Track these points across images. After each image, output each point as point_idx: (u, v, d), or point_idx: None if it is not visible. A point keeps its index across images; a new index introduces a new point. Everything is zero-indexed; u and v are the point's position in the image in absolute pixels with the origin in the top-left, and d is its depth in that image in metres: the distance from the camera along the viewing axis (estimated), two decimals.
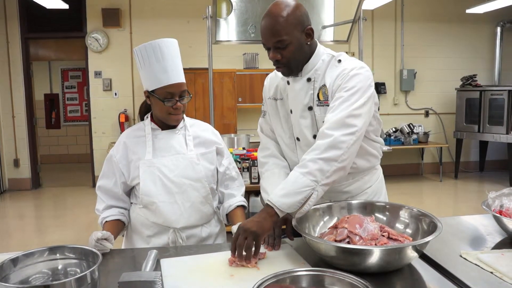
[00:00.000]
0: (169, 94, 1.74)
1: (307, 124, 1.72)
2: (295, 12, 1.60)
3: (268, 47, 1.65)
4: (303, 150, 1.73)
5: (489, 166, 7.90)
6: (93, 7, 6.81)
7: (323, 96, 1.68)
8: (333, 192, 1.80)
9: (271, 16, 1.60)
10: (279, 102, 1.83)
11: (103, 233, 1.59)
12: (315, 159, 1.50)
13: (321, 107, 1.68)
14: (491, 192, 1.68)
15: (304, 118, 1.72)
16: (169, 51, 1.75)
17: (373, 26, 7.35)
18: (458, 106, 7.37)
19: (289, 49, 1.61)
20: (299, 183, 1.48)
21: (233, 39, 3.98)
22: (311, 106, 1.70)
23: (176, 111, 1.77)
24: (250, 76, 6.70)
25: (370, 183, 1.88)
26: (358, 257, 1.27)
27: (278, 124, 1.86)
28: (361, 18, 4.16)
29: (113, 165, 1.84)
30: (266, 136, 1.96)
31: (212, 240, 1.89)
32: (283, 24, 1.58)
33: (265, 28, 1.62)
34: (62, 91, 9.56)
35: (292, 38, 1.60)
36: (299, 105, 1.73)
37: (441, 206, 5.95)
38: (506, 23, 7.49)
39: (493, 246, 1.54)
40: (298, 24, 1.61)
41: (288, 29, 1.58)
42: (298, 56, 1.66)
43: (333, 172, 1.50)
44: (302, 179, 1.48)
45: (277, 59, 1.64)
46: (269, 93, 1.88)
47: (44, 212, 5.94)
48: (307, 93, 1.70)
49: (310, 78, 1.70)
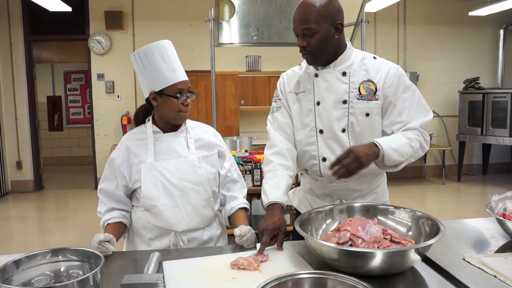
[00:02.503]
0: (179, 90, 1.77)
1: (338, 116, 1.76)
2: (327, 5, 1.67)
3: (297, 34, 1.73)
4: (326, 143, 1.79)
5: (492, 169, 7.87)
6: (95, 10, 6.83)
7: (365, 91, 1.74)
8: (345, 190, 1.84)
9: (304, 4, 1.69)
10: (301, 95, 1.85)
11: (105, 235, 1.59)
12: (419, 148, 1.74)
13: (361, 100, 1.74)
14: (494, 195, 1.67)
15: (336, 110, 1.76)
16: (172, 51, 1.80)
17: (375, 28, 7.35)
18: (461, 108, 7.35)
19: (315, 38, 1.67)
20: (404, 150, 1.67)
21: (236, 42, 3.98)
22: (345, 100, 1.75)
23: (186, 108, 1.80)
24: (252, 78, 6.71)
25: (379, 182, 1.92)
26: (360, 260, 1.27)
27: (298, 117, 1.86)
28: (363, 21, 4.16)
29: (115, 168, 1.84)
30: (275, 130, 1.90)
31: (213, 243, 1.88)
32: (314, 13, 1.65)
33: (296, 15, 1.71)
34: (65, 94, 9.59)
35: (319, 28, 1.66)
36: (331, 96, 1.76)
37: (443, 209, 5.93)
38: (509, 26, 7.47)
39: (497, 249, 1.54)
40: (328, 17, 1.67)
41: (317, 19, 1.65)
42: (324, 46, 1.71)
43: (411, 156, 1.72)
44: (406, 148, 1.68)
45: (302, 46, 1.70)
46: (289, 87, 1.90)
47: (46, 214, 5.94)
48: (341, 87, 1.75)
49: (346, 72, 1.76)
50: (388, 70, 1.76)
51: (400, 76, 1.77)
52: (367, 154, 1.57)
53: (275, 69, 6.75)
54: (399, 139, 1.70)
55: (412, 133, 1.74)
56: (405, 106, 1.76)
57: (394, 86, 1.75)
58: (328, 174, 1.74)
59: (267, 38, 3.85)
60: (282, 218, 1.64)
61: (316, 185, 1.92)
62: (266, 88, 6.70)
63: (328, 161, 1.78)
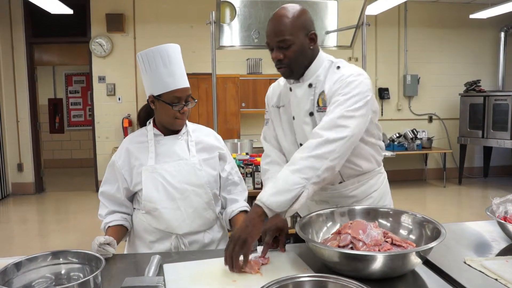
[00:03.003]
0: (176, 99, 1.75)
1: (309, 130, 1.72)
2: (301, 15, 1.65)
3: (271, 47, 1.69)
4: None
5: (493, 172, 7.87)
6: (97, 13, 6.85)
7: (322, 102, 1.69)
8: (339, 197, 1.81)
9: (277, 17, 1.65)
10: (281, 109, 1.86)
11: (105, 238, 1.58)
12: (306, 156, 1.49)
13: (320, 113, 1.69)
14: (495, 198, 1.67)
15: (307, 124, 1.73)
16: (175, 56, 1.78)
17: (376, 31, 7.36)
18: (462, 111, 7.35)
19: (292, 49, 1.64)
20: (289, 180, 1.46)
21: (237, 45, 3.98)
22: (312, 112, 1.72)
23: (182, 115, 1.79)
24: (253, 81, 6.71)
25: (375, 187, 1.88)
26: (361, 263, 1.27)
27: (281, 131, 1.87)
28: (364, 24, 4.16)
29: (116, 171, 1.84)
30: (268, 143, 1.97)
31: (214, 246, 1.88)
32: (288, 24, 1.62)
33: (270, 28, 1.67)
34: (66, 96, 9.60)
35: (295, 39, 1.63)
36: (301, 111, 1.74)
37: (444, 212, 5.92)
38: (509, 29, 7.48)
39: (498, 252, 1.53)
40: (302, 27, 1.65)
41: (293, 30, 1.63)
42: (300, 58, 1.68)
43: (324, 170, 1.48)
44: (291, 177, 1.46)
45: (279, 59, 1.66)
46: (272, 101, 1.91)
47: (47, 216, 5.95)
48: (308, 99, 1.72)
49: (311, 84, 1.72)
50: (339, 77, 1.64)
51: (348, 83, 1.60)
52: (245, 226, 1.42)
53: (276, 72, 6.56)
54: (280, 176, 1.50)
55: (300, 152, 1.52)
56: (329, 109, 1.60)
57: (335, 90, 1.63)
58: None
59: None
60: (285, 219, 1.63)
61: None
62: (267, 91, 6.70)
63: None
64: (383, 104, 7.56)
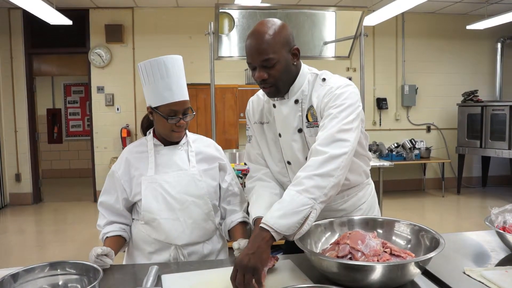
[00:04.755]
0: (172, 112, 1.74)
1: (298, 147, 1.71)
2: (282, 31, 1.59)
3: (254, 67, 1.62)
4: (295, 173, 1.70)
5: (491, 182, 7.87)
6: (96, 23, 6.89)
7: (311, 117, 1.66)
8: (328, 211, 1.75)
9: (258, 34, 1.58)
10: (265, 126, 1.82)
11: (103, 249, 1.58)
12: (311, 175, 1.44)
13: (311, 128, 1.67)
14: (494, 208, 1.67)
15: (295, 141, 1.71)
16: (174, 68, 1.75)
17: (374, 42, 7.40)
18: (460, 121, 7.38)
19: (276, 68, 1.58)
20: (296, 202, 1.40)
21: (235, 55, 4.00)
22: (300, 129, 1.69)
23: (179, 128, 1.77)
24: (252, 91, 6.71)
25: (364, 198, 1.88)
26: (360, 274, 1.26)
27: (266, 149, 1.84)
28: (362, 34, 4.19)
29: (115, 181, 1.84)
30: (254, 163, 1.90)
31: (214, 257, 1.87)
32: (271, 42, 1.56)
33: (251, 47, 1.59)
34: (65, 106, 9.61)
35: (279, 56, 1.58)
36: (288, 128, 1.71)
37: (443, 222, 5.91)
38: (506, 39, 7.53)
39: (497, 262, 1.53)
40: (285, 44, 1.60)
41: (276, 48, 1.57)
42: (285, 76, 1.63)
43: (330, 188, 1.44)
44: (299, 198, 1.41)
45: (263, 79, 1.60)
46: (254, 118, 1.86)
47: (45, 227, 5.92)
48: (295, 116, 1.69)
49: (298, 100, 1.69)
50: (328, 90, 1.62)
51: (339, 95, 1.58)
52: (253, 253, 1.33)
53: None
54: (286, 197, 1.44)
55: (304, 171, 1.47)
56: (323, 123, 1.58)
57: (325, 104, 1.61)
58: None
59: None
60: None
61: None
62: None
63: None
64: (381, 114, 7.58)
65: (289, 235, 1.41)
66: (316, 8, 3.98)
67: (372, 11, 6.01)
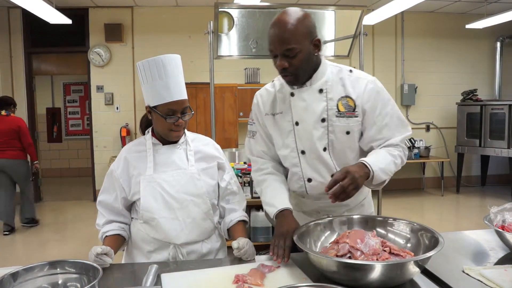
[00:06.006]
0: (170, 111, 1.73)
1: (318, 135, 1.72)
2: (304, 21, 1.62)
3: (275, 55, 1.65)
4: (309, 164, 1.75)
5: (490, 181, 7.88)
6: (95, 22, 6.88)
7: (344, 107, 1.70)
8: (332, 206, 1.78)
9: (281, 23, 1.60)
10: (278, 116, 1.81)
11: (102, 248, 1.58)
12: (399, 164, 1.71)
13: (341, 118, 1.70)
14: (493, 207, 1.67)
15: (316, 129, 1.72)
16: (172, 68, 1.74)
17: (373, 41, 7.40)
18: (459, 120, 7.38)
19: (298, 57, 1.61)
20: (390, 168, 1.65)
21: (235, 54, 4.00)
22: (324, 118, 1.71)
23: (177, 127, 1.77)
24: (251, 90, 6.71)
25: (365, 194, 1.92)
26: (359, 273, 1.27)
27: (278, 139, 1.84)
28: (361, 34, 4.19)
29: (114, 180, 1.83)
30: (258, 157, 1.92)
31: (213, 256, 1.87)
32: (294, 32, 1.59)
33: (274, 35, 1.61)
34: (64, 105, 9.61)
35: (302, 46, 1.60)
36: (310, 116, 1.72)
37: (442, 221, 5.92)
38: (505, 38, 7.54)
39: (496, 261, 1.53)
40: (307, 34, 1.62)
41: (298, 38, 1.59)
42: (306, 65, 1.66)
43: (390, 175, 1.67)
44: (392, 167, 1.66)
45: (284, 67, 1.63)
46: (264, 110, 1.86)
47: (44, 226, 5.91)
48: (319, 105, 1.71)
49: (322, 89, 1.71)
50: (366, 85, 1.72)
51: (378, 92, 1.73)
52: (361, 176, 1.52)
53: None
54: (384, 158, 1.66)
55: (394, 149, 1.71)
56: (385, 122, 1.73)
57: (371, 102, 1.72)
58: (315, 193, 1.77)
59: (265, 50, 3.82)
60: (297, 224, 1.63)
61: (302, 202, 1.91)
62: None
63: (314, 181, 1.78)
64: None
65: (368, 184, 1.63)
66: (316, 7, 3.98)
67: (371, 10, 6.02)
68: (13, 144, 5.28)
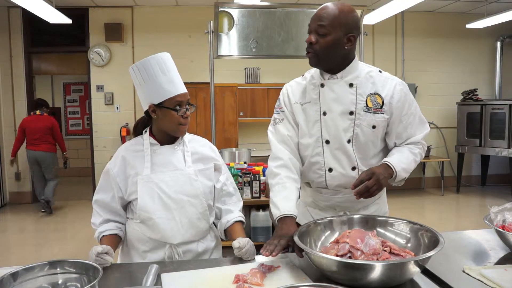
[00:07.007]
0: (178, 103, 1.77)
1: (344, 127, 1.77)
2: (347, 14, 1.70)
3: (310, 30, 1.74)
4: (332, 154, 1.79)
5: (491, 180, 7.88)
6: (95, 22, 6.88)
7: (372, 104, 1.76)
8: (349, 201, 1.84)
9: (326, 6, 1.72)
10: (306, 105, 1.84)
11: (103, 247, 1.58)
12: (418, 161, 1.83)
13: (368, 113, 1.76)
14: (493, 207, 1.67)
15: (343, 121, 1.77)
16: (171, 64, 1.80)
17: (374, 40, 7.40)
18: (459, 120, 7.38)
19: (326, 39, 1.69)
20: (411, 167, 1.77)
21: (235, 54, 3.99)
22: (352, 111, 1.76)
23: (185, 120, 1.80)
24: (251, 90, 6.74)
25: (381, 193, 1.93)
26: (359, 272, 1.27)
27: (304, 127, 1.85)
28: (362, 33, 4.19)
29: (111, 179, 1.83)
30: (278, 143, 1.88)
31: (208, 255, 1.87)
32: (332, 15, 1.68)
33: (316, 13, 1.73)
34: (64, 105, 9.62)
35: (333, 31, 1.68)
36: (338, 107, 1.77)
37: (443, 221, 5.92)
38: (506, 38, 7.54)
39: (496, 261, 1.53)
40: (344, 25, 1.69)
41: (334, 22, 1.68)
42: (331, 52, 1.71)
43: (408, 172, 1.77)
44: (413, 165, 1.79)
45: (311, 42, 1.71)
46: (294, 98, 1.88)
47: (44, 225, 5.92)
48: (348, 98, 1.76)
49: (353, 84, 1.77)
50: (395, 86, 1.80)
51: (406, 93, 1.82)
52: (385, 177, 1.65)
53: (274, 81, 6.79)
54: (407, 157, 1.78)
55: (416, 147, 1.84)
56: (410, 121, 1.83)
57: (401, 103, 1.80)
58: (334, 184, 1.81)
59: (266, 50, 3.87)
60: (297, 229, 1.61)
61: (319, 198, 1.92)
62: (265, 100, 6.73)
63: (335, 171, 1.81)
64: None
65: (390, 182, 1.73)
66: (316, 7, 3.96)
67: (371, 10, 6.01)
68: (46, 139, 6.31)
